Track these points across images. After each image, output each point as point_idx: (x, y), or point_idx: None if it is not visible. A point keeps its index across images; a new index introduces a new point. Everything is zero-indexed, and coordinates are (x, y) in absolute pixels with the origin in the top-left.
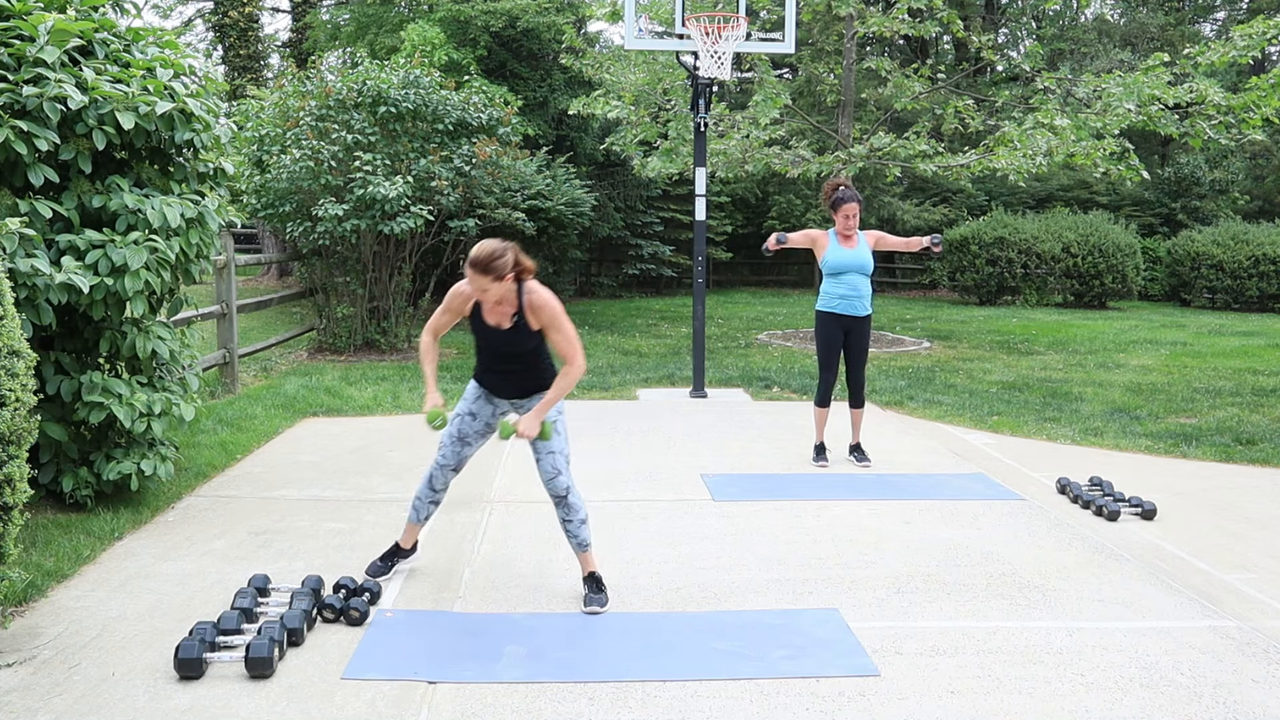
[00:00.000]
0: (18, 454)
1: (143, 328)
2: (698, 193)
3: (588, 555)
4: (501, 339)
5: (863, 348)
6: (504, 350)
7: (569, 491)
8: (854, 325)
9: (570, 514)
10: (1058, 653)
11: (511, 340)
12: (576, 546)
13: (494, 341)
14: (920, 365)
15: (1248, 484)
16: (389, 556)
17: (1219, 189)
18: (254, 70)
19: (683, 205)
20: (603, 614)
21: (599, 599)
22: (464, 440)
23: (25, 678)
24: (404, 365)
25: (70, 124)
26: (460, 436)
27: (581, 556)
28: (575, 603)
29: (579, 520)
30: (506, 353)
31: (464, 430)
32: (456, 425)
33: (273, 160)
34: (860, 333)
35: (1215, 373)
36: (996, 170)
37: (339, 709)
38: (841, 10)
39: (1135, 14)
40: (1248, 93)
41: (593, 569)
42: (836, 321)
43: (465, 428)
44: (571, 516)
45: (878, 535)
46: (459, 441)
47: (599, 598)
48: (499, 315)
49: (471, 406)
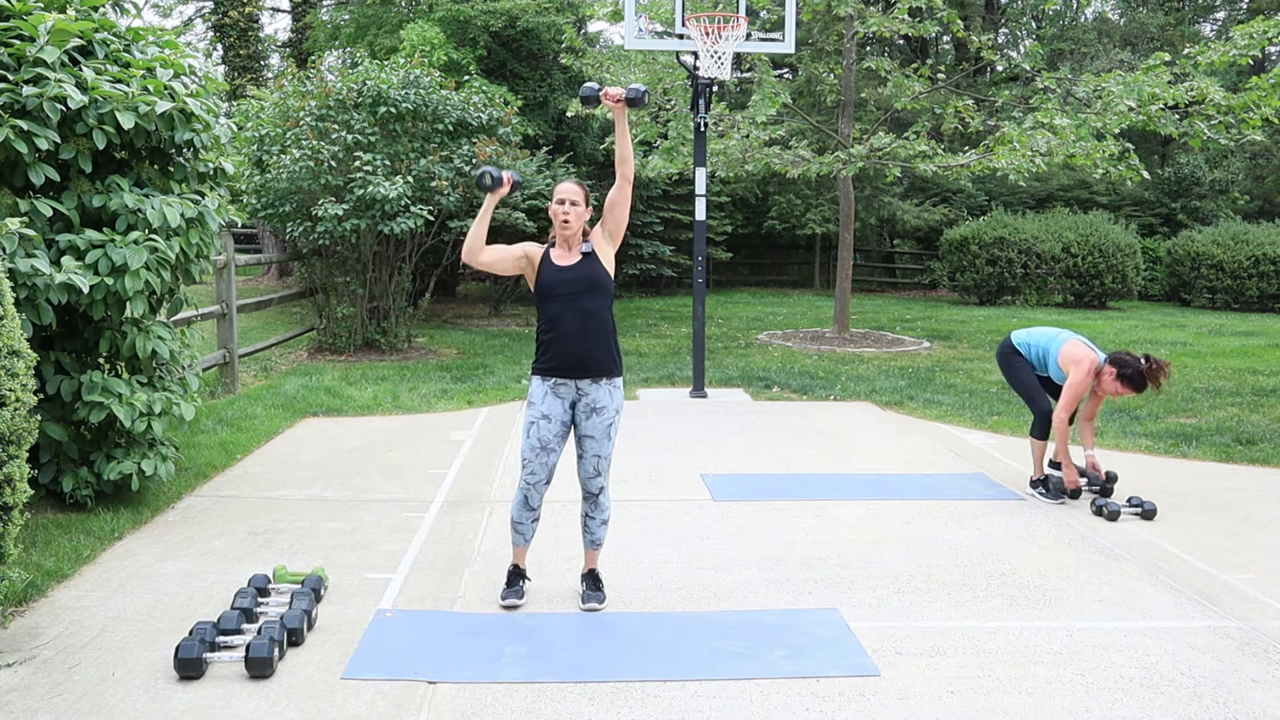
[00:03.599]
0: (18, 454)
1: (143, 328)
2: (698, 193)
3: (595, 554)
4: (576, 275)
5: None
6: (579, 289)
7: (602, 491)
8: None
9: (596, 511)
10: (1058, 653)
11: (586, 273)
12: (589, 543)
13: (567, 283)
14: (920, 365)
15: (1248, 484)
16: (513, 580)
17: (1219, 189)
18: (254, 70)
19: (683, 205)
20: (603, 614)
21: (598, 596)
22: (547, 448)
23: (25, 678)
24: (404, 365)
25: (70, 124)
26: (543, 445)
27: (589, 554)
28: (575, 602)
29: (601, 520)
30: (581, 291)
31: (544, 437)
32: (535, 435)
33: (273, 160)
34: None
35: (1215, 373)
36: (996, 170)
37: (339, 709)
38: (841, 10)
39: (1135, 14)
40: (1248, 93)
41: (594, 567)
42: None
43: (544, 434)
44: (596, 514)
45: (878, 535)
46: (543, 451)
47: (598, 595)
48: (569, 249)
49: (543, 409)
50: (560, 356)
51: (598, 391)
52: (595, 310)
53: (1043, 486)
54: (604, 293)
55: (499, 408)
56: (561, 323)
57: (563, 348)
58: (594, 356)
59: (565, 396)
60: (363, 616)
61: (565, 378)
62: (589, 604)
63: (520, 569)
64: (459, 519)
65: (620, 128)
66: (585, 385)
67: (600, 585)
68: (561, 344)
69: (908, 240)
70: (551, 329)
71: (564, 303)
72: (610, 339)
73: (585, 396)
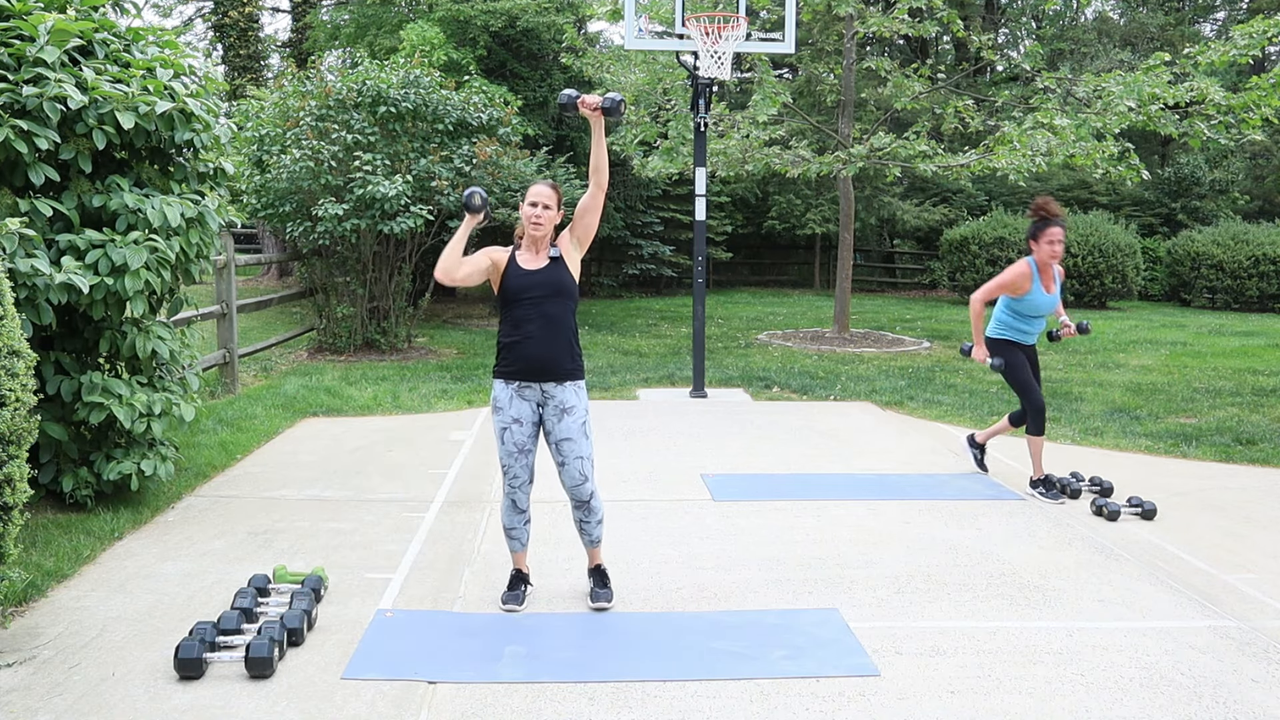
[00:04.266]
0: (18, 454)
1: (143, 328)
2: (698, 193)
3: (596, 550)
4: (542, 279)
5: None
6: (545, 294)
7: (593, 496)
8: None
9: (589, 516)
10: (1058, 653)
11: (553, 278)
12: (588, 543)
13: (534, 286)
14: (920, 365)
15: (1248, 484)
16: (515, 584)
17: (1219, 189)
18: (254, 70)
19: (683, 205)
20: (602, 614)
21: (605, 593)
22: (524, 450)
23: (25, 678)
24: (404, 365)
25: (70, 124)
26: (519, 448)
27: (590, 551)
28: (575, 602)
29: (596, 520)
30: (548, 295)
31: (518, 440)
32: (510, 440)
33: (273, 160)
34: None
35: (1215, 373)
36: (996, 170)
37: (339, 709)
38: (841, 10)
39: (1135, 14)
40: (1248, 93)
41: (599, 563)
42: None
43: (518, 437)
44: (589, 519)
45: (878, 535)
46: (520, 454)
47: (605, 592)
48: (536, 252)
49: (512, 413)
50: (524, 359)
51: (563, 393)
52: (559, 315)
53: (1042, 486)
54: (569, 297)
55: None
56: (526, 326)
57: (527, 350)
58: (558, 361)
59: (530, 399)
60: (363, 616)
61: (530, 380)
62: (598, 602)
63: (523, 573)
64: (459, 519)
65: (596, 136)
66: (550, 388)
67: (607, 581)
68: (526, 347)
69: (908, 240)
70: (515, 332)
71: (529, 306)
72: (573, 342)
73: (552, 399)
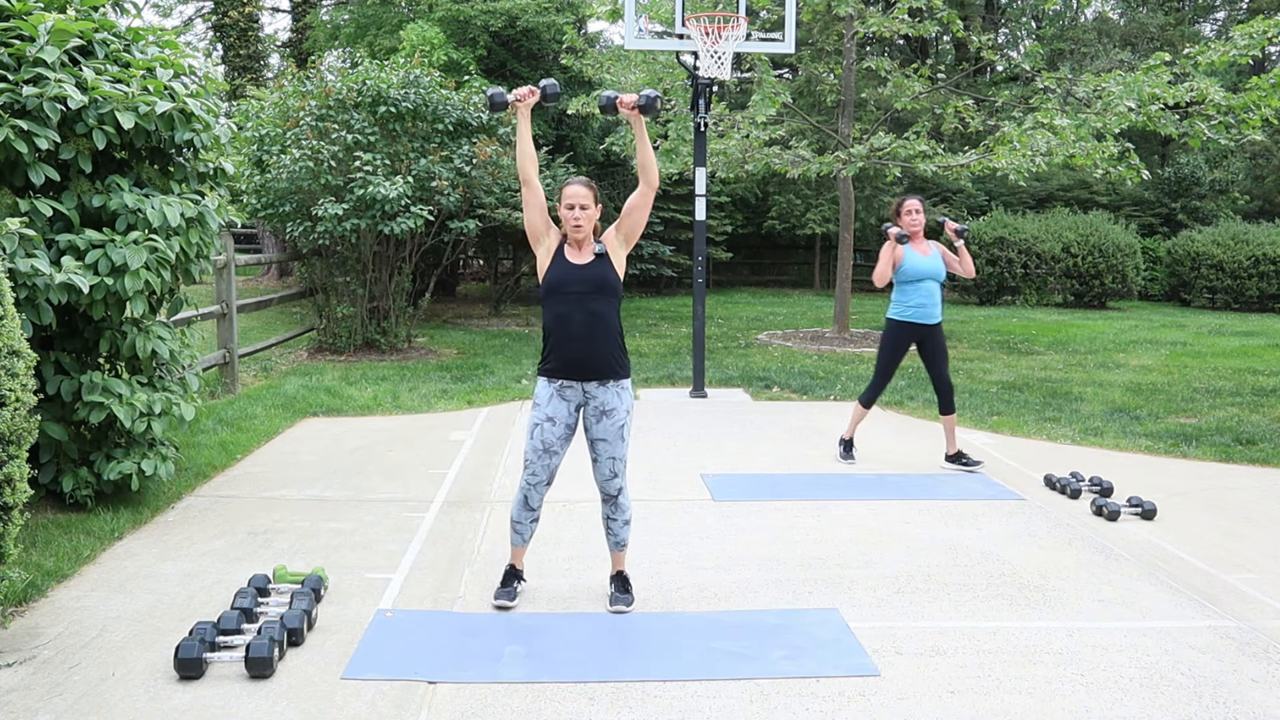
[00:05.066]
0: (18, 454)
1: (143, 328)
2: (698, 193)
3: (621, 555)
4: (587, 274)
5: (943, 351)
6: (588, 289)
7: (620, 492)
8: (928, 333)
9: (617, 513)
10: (1058, 653)
11: (597, 274)
12: (614, 545)
13: (577, 281)
14: (920, 365)
15: (1248, 484)
16: (508, 580)
17: (1219, 189)
18: (254, 70)
19: (683, 205)
20: (603, 615)
21: (625, 599)
22: (550, 450)
23: (25, 678)
24: (404, 365)
25: (70, 124)
26: (545, 447)
27: (615, 555)
28: (575, 602)
29: (623, 520)
30: (590, 292)
31: (547, 439)
32: (539, 436)
33: (273, 160)
34: (936, 338)
35: (1215, 373)
36: (996, 170)
37: (339, 709)
38: (841, 10)
39: (1135, 14)
40: (1248, 93)
41: (622, 568)
42: (918, 329)
43: (547, 436)
44: (617, 515)
45: (878, 535)
46: (545, 453)
47: (625, 597)
48: (581, 248)
49: (548, 411)
50: (565, 359)
51: (606, 394)
52: (602, 312)
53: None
54: (612, 294)
55: (499, 408)
56: (568, 323)
57: (568, 349)
58: (600, 359)
59: (571, 399)
60: (363, 616)
61: (571, 380)
62: (616, 606)
63: (517, 569)
64: (459, 519)
65: (639, 134)
66: (592, 388)
67: (629, 587)
68: (567, 345)
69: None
70: (558, 328)
71: (571, 302)
72: (616, 341)
73: (593, 400)
